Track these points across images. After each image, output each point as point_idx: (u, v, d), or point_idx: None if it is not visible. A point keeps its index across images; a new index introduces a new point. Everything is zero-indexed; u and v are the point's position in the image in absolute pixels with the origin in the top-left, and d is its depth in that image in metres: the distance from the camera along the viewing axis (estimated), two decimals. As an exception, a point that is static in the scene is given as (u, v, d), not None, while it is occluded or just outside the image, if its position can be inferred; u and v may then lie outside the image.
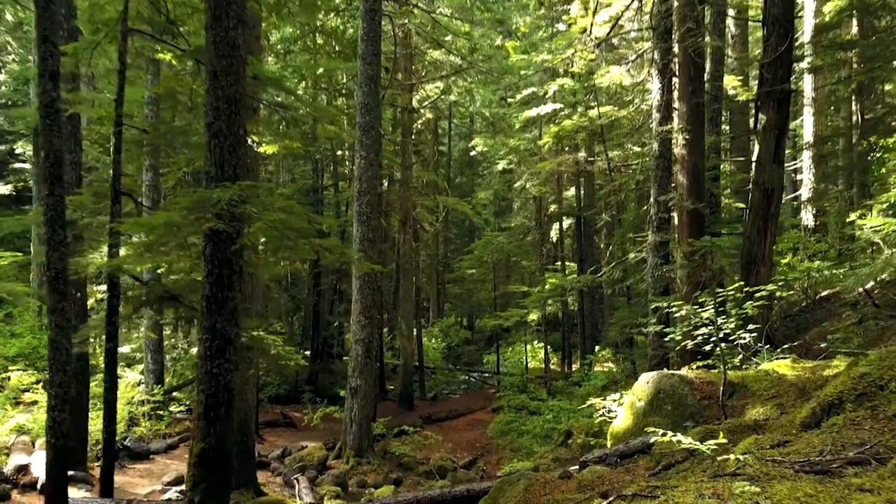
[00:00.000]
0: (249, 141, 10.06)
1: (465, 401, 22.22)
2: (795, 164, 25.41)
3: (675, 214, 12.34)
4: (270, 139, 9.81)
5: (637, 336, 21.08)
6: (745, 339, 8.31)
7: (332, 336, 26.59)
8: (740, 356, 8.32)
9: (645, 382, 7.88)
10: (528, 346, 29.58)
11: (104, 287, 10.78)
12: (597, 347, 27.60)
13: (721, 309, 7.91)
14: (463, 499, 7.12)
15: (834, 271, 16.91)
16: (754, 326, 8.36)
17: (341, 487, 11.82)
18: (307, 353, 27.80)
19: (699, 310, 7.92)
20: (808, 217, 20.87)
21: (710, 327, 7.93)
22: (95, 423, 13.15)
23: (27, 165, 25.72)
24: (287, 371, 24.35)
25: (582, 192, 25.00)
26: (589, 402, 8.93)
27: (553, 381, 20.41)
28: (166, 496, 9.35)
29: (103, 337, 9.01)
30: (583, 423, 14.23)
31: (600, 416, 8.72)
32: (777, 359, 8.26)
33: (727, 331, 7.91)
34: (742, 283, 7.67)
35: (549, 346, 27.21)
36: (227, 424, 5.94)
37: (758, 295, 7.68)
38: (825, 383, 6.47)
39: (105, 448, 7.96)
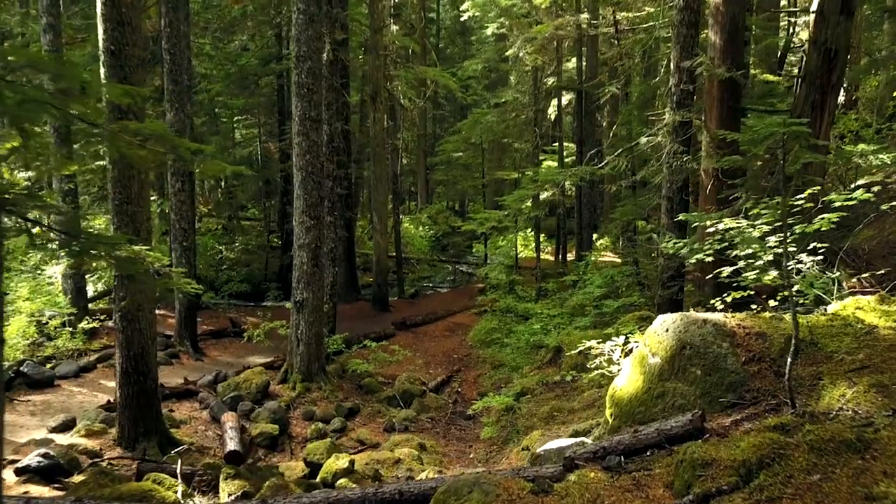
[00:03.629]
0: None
1: (447, 300, 20.13)
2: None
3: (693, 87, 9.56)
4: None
5: (640, 227, 18.67)
6: (805, 264, 5.86)
7: (304, 226, 24.17)
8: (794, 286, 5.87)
9: (663, 330, 5.47)
10: (520, 235, 27.17)
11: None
12: (595, 236, 25.27)
13: (777, 223, 5.38)
14: (393, 503, 4.91)
15: (882, 157, 14.26)
16: (821, 246, 5.89)
17: (279, 425, 9.76)
18: (280, 242, 25.53)
19: (745, 225, 5.43)
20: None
21: (755, 246, 5.47)
22: None
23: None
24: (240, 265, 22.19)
25: (584, 62, 21.75)
26: (581, 347, 6.56)
27: (544, 279, 18.20)
28: (31, 458, 7.18)
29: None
30: (574, 338, 12.12)
31: (596, 365, 6.38)
32: (849, 294, 5.82)
33: (775, 251, 5.45)
34: (817, 187, 5.08)
35: (542, 234, 24.87)
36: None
37: (837, 203, 5.12)
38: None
39: None
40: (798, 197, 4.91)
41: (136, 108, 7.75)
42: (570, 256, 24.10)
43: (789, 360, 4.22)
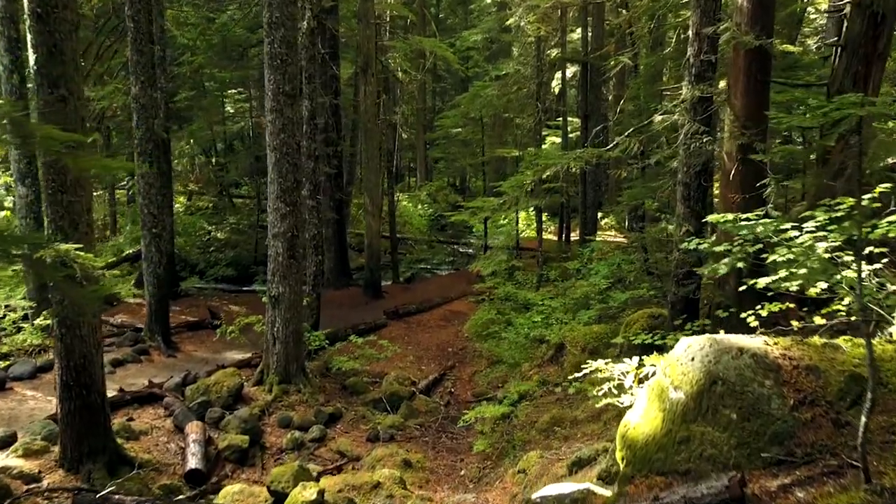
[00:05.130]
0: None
1: (444, 284, 19.12)
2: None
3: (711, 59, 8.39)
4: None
5: (647, 205, 17.52)
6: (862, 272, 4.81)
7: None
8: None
9: (688, 358, 4.44)
10: (522, 213, 25.99)
11: None
12: (599, 215, 24.17)
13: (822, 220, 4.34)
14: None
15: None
16: (879, 250, 4.86)
17: (251, 435, 8.81)
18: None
19: (787, 228, 4.41)
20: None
21: (796, 250, 4.48)
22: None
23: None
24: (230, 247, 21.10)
25: (589, 32, 20.48)
26: (586, 369, 5.53)
27: (546, 262, 17.15)
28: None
29: None
30: (578, 334, 11.16)
31: (602, 393, 5.35)
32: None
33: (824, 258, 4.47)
34: (889, 185, 4.01)
35: (545, 213, 23.73)
36: None
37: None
38: None
39: None
40: (866, 196, 3.85)
41: (68, 80, 6.68)
42: (574, 236, 23.04)
43: (864, 418, 3.19)
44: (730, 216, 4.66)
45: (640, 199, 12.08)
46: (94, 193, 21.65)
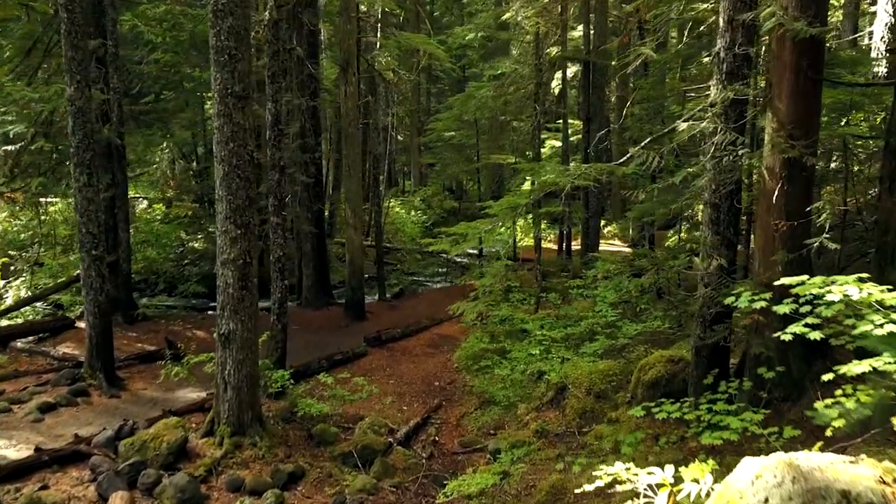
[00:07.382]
0: None
1: (434, 301, 17.57)
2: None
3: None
4: None
5: (657, 215, 16.00)
6: None
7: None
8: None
9: (758, 498, 2.91)
10: (520, 222, 24.46)
11: None
12: (602, 223, 22.71)
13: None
14: None
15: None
16: None
17: (189, 506, 7.30)
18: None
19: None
20: (878, 66, 15.17)
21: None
22: None
23: None
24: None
25: (591, 29, 18.99)
26: (599, 480, 4.00)
27: (545, 277, 15.66)
28: None
29: None
30: (582, 373, 9.71)
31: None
32: None
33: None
34: None
35: (543, 223, 22.28)
36: None
37: None
38: None
39: None
40: None
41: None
42: (575, 244, 21.60)
43: None
44: (817, 280, 3.17)
45: (650, 212, 10.57)
46: (69, 201, 20.14)
